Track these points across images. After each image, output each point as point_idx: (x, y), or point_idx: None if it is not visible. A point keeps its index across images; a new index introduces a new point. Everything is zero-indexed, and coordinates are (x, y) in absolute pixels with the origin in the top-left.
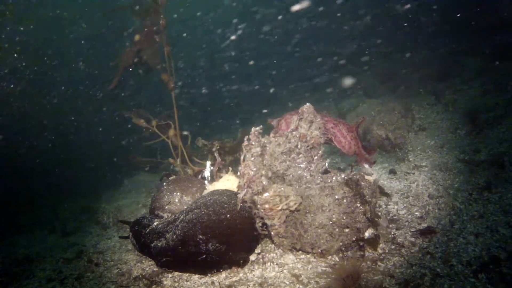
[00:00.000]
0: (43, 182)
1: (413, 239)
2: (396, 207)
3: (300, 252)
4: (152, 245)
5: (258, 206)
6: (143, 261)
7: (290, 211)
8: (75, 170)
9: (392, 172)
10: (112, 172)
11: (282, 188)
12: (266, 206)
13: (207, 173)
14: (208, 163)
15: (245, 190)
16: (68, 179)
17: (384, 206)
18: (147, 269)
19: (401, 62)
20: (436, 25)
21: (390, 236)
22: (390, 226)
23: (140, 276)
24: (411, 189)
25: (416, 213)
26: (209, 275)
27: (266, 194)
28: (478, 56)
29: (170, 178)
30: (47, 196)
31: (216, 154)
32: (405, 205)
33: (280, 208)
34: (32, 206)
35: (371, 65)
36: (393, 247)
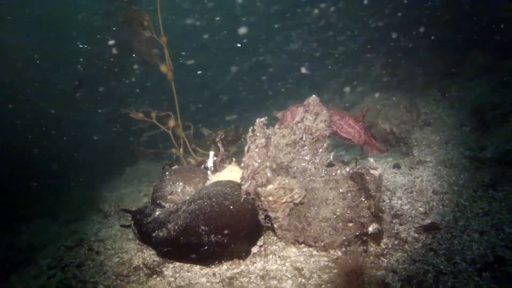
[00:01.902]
0: (44, 172)
1: (416, 235)
2: (399, 202)
3: (303, 245)
4: (154, 234)
5: (262, 198)
6: (144, 251)
7: (294, 204)
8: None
9: (396, 166)
10: (113, 161)
11: (287, 181)
12: (270, 198)
13: (210, 164)
14: (212, 153)
15: (249, 181)
16: (70, 168)
17: (387, 201)
18: (148, 258)
19: (407, 58)
20: (443, 21)
21: (393, 231)
22: (394, 221)
23: (141, 265)
24: (415, 184)
25: (420, 209)
26: (211, 266)
27: (270, 186)
28: (484, 53)
29: (172, 168)
30: (49, 185)
31: (219, 144)
32: (409, 200)
33: (284, 200)
34: (34, 195)
35: (377, 59)
36: (396, 242)
